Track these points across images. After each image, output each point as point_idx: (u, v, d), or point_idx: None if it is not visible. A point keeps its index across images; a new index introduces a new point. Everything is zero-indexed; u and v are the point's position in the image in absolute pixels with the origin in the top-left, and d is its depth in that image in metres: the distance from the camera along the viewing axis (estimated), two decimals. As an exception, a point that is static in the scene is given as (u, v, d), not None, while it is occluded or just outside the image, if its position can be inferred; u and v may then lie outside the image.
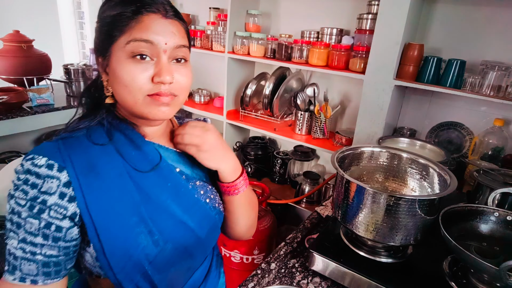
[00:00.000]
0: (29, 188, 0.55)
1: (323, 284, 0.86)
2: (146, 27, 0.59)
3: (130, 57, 0.59)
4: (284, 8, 1.97)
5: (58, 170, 0.56)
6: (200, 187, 0.72)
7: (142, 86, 0.60)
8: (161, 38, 0.60)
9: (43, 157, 0.57)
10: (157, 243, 0.62)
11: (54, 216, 0.56)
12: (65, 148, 0.59)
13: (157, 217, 0.63)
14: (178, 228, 0.66)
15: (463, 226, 0.83)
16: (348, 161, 0.97)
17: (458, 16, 1.47)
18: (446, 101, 1.58)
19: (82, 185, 0.57)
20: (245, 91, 1.99)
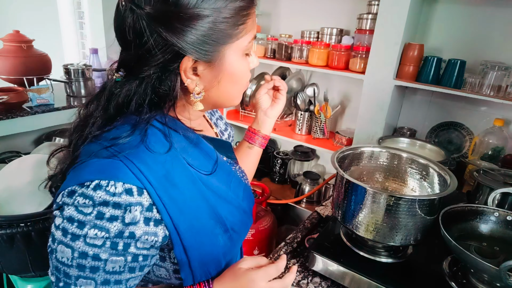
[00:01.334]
0: (107, 222, 0.45)
1: (323, 284, 0.86)
2: (254, 22, 0.56)
3: (244, 55, 0.57)
4: (284, 8, 1.97)
5: (138, 194, 0.47)
6: (239, 170, 0.70)
7: (248, 79, 0.61)
8: (255, 32, 0.59)
9: (116, 182, 0.45)
10: (231, 238, 0.60)
11: (142, 247, 0.48)
12: (134, 165, 0.47)
13: (228, 213, 0.60)
14: (242, 217, 0.65)
15: (463, 226, 0.83)
16: (348, 161, 0.97)
17: (458, 16, 1.47)
18: (446, 101, 1.58)
19: (166, 204, 0.49)
20: (245, 91, 1.99)
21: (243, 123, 2.03)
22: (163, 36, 0.47)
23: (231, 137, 0.83)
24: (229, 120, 2.07)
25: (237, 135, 2.24)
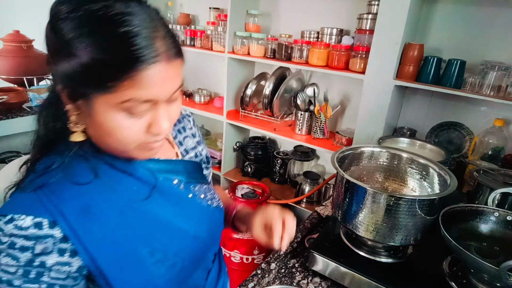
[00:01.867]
0: (18, 252, 0.47)
1: (323, 284, 0.86)
2: (148, 84, 0.47)
3: (123, 112, 0.48)
4: (284, 8, 1.97)
5: (49, 227, 0.48)
6: (200, 191, 0.70)
7: (135, 139, 0.51)
8: (162, 91, 0.49)
9: (27, 216, 0.47)
10: (174, 265, 0.59)
11: (56, 276, 0.49)
12: (48, 198, 0.49)
13: (169, 240, 0.59)
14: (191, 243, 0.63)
15: (463, 226, 0.83)
16: (348, 161, 0.97)
17: (458, 16, 1.47)
18: (446, 101, 1.58)
19: (81, 236, 0.50)
20: (245, 91, 1.99)
21: (243, 124, 2.03)
22: None
23: (200, 156, 0.78)
24: (229, 121, 2.07)
25: (237, 136, 2.24)
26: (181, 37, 2.20)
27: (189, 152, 0.76)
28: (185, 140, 0.76)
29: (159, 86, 0.48)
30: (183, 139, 0.76)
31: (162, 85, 0.48)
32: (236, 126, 2.12)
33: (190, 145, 0.77)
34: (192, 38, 2.15)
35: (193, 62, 2.52)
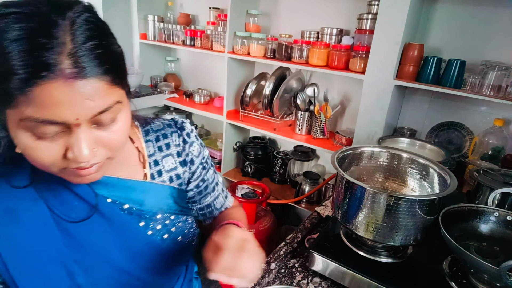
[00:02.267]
0: None
1: (323, 284, 0.86)
2: (44, 103, 0.40)
3: (28, 132, 0.43)
4: (284, 8, 1.97)
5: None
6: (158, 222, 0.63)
7: (53, 163, 0.46)
8: (68, 114, 0.42)
9: None
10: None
11: None
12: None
13: (92, 268, 0.55)
14: (120, 277, 0.58)
15: (463, 226, 0.83)
16: (348, 161, 0.97)
17: (458, 16, 1.47)
18: (446, 101, 1.58)
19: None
20: (245, 91, 1.99)
21: (243, 124, 2.03)
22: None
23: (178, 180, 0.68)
24: (229, 121, 2.07)
25: (237, 136, 2.24)
26: (181, 37, 2.20)
27: (163, 174, 0.66)
28: (163, 160, 0.66)
29: (59, 108, 0.41)
30: (161, 159, 0.66)
31: (64, 106, 0.41)
32: (236, 126, 2.12)
33: (168, 166, 0.67)
34: (192, 38, 2.15)
35: (193, 62, 2.52)
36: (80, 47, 0.41)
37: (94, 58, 0.42)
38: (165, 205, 0.64)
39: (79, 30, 0.42)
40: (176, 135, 0.68)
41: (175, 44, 2.24)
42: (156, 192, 0.63)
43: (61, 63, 0.40)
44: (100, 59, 0.43)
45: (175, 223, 0.67)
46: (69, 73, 0.40)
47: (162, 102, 2.39)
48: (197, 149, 0.70)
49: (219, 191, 0.76)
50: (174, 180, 0.68)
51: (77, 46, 0.41)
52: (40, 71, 0.39)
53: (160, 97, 2.36)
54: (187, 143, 0.69)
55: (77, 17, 0.43)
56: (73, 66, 0.41)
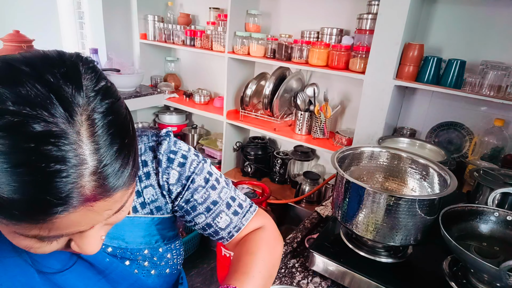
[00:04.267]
0: None
1: (323, 284, 0.86)
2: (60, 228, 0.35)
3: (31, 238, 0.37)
4: (284, 8, 1.97)
5: None
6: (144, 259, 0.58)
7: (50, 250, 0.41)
8: (83, 227, 0.38)
9: None
10: None
11: None
12: None
13: None
14: None
15: (463, 226, 0.83)
16: (348, 161, 0.97)
17: (458, 16, 1.47)
18: (446, 101, 1.58)
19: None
20: (245, 91, 1.99)
21: (243, 124, 2.03)
22: None
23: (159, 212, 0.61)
24: (229, 120, 2.07)
25: (237, 136, 2.24)
26: (181, 37, 2.20)
27: (146, 206, 0.59)
28: (145, 190, 0.58)
29: (78, 226, 0.36)
30: (143, 189, 0.58)
31: (84, 223, 0.37)
32: (236, 126, 2.12)
33: (148, 198, 0.59)
34: (192, 38, 2.15)
35: (193, 62, 2.52)
36: (106, 161, 0.34)
37: (119, 170, 0.36)
38: (152, 238, 0.59)
39: (100, 131, 0.34)
40: (156, 161, 0.58)
41: (175, 44, 2.24)
42: (142, 225, 0.58)
43: (82, 188, 0.33)
44: (125, 167, 0.37)
45: (164, 255, 0.61)
46: (92, 197, 0.34)
47: (162, 102, 2.39)
48: (174, 174, 0.59)
49: (221, 210, 0.64)
50: (155, 213, 0.61)
51: (102, 160, 0.34)
52: (55, 206, 0.32)
53: (160, 97, 2.36)
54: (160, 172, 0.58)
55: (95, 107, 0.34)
56: (96, 187, 0.34)
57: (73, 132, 0.32)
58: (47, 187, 0.31)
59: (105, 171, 0.34)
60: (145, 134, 0.61)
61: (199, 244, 2.29)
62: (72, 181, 0.32)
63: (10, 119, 0.30)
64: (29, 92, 0.31)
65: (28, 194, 0.31)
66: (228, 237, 0.66)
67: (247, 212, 0.67)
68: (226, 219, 0.64)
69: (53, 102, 0.32)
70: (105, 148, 0.34)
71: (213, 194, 0.63)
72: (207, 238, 2.35)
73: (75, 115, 0.33)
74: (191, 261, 2.16)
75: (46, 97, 0.31)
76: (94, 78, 0.36)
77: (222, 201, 0.64)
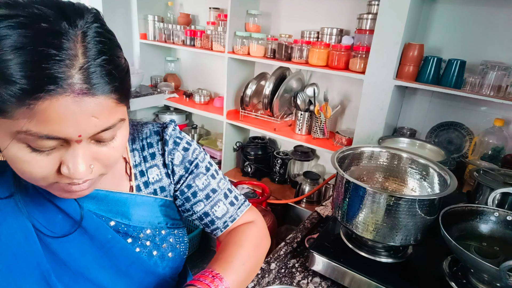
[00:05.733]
0: None
1: (323, 284, 0.86)
2: (48, 118, 0.38)
3: (23, 143, 0.40)
4: (284, 8, 1.97)
5: None
6: (147, 238, 0.60)
7: (44, 177, 0.43)
8: (71, 130, 0.40)
9: None
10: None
11: None
12: None
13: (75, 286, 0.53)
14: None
15: (463, 226, 0.83)
16: (348, 161, 0.97)
17: (458, 16, 1.47)
18: (446, 101, 1.58)
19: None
20: (245, 91, 1.99)
21: (243, 124, 2.03)
22: None
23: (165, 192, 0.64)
24: (229, 121, 2.07)
25: (237, 136, 2.24)
26: (181, 37, 2.20)
27: (149, 185, 0.63)
28: (148, 171, 0.63)
29: (64, 123, 0.39)
30: (148, 169, 0.63)
31: (69, 122, 0.39)
32: (236, 126, 2.12)
33: (152, 177, 0.63)
34: (192, 38, 2.15)
35: (193, 62, 2.52)
36: (92, 62, 0.39)
37: (104, 75, 0.40)
38: (155, 218, 0.61)
39: (91, 43, 0.40)
40: (161, 144, 0.64)
41: (175, 44, 2.24)
42: (145, 205, 0.60)
43: (71, 78, 0.38)
44: (110, 76, 0.41)
45: (166, 238, 0.63)
46: (78, 89, 0.38)
47: (162, 102, 2.39)
48: (178, 156, 0.64)
49: (219, 198, 0.67)
50: (158, 193, 0.64)
51: (89, 60, 0.39)
52: (47, 84, 0.36)
53: (160, 97, 2.36)
54: (166, 152, 0.63)
55: (88, 27, 0.40)
56: (83, 82, 0.38)
57: (71, 35, 0.39)
58: (42, 66, 0.36)
59: (91, 68, 0.39)
60: (150, 123, 0.66)
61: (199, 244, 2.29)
62: (64, 65, 0.37)
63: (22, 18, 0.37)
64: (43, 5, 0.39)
65: (25, 71, 0.36)
66: (223, 227, 0.68)
67: (242, 205, 0.71)
68: (223, 208, 0.67)
69: (60, 16, 0.39)
70: (94, 54, 0.40)
71: (213, 182, 0.67)
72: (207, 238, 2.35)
73: (74, 29, 0.39)
74: (191, 261, 2.16)
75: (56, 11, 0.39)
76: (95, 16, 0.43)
77: (220, 190, 0.68)
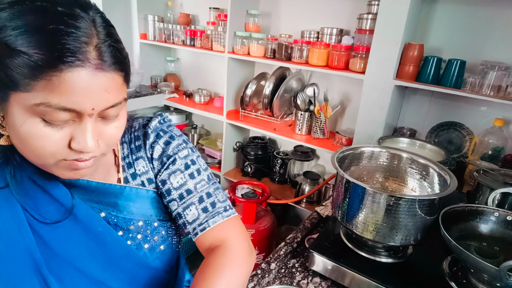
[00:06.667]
0: None
1: (323, 284, 0.86)
2: (67, 90, 0.42)
3: (38, 117, 0.43)
4: (284, 8, 1.97)
5: None
6: (137, 230, 0.60)
7: (54, 153, 0.46)
8: (87, 103, 0.44)
9: None
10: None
11: None
12: None
13: (66, 277, 0.54)
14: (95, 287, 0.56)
15: (463, 226, 0.83)
16: (348, 161, 0.97)
17: (458, 16, 1.47)
18: (446, 101, 1.58)
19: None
20: (245, 91, 1.99)
21: (243, 123, 2.03)
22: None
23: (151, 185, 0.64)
24: (229, 121, 2.07)
25: (237, 136, 2.24)
26: (181, 37, 2.20)
27: (137, 177, 0.63)
28: (136, 162, 0.63)
29: (81, 95, 0.43)
30: (135, 161, 0.63)
31: (86, 95, 0.43)
32: (236, 126, 2.12)
33: (139, 170, 0.63)
34: (192, 38, 2.15)
35: (193, 62, 2.52)
36: (104, 43, 0.44)
37: (114, 55, 0.45)
38: (147, 210, 0.61)
39: (101, 27, 0.45)
40: (149, 135, 0.64)
41: (175, 44, 2.24)
42: (137, 197, 0.60)
43: (88, 53, 0.42)
44: (118, 56, 0.46)
45: (158, 231, 0.63)
46: (94, 64, 0.43)
47: (162, 102, 2.39)
48: (158, 150, 0.63)
49: (192, 201, 0.62)
50: (146, 185, 0.63)
51: (101, 41, 0.44)
52: (68, 57, 0.40)
53: (160, 97, 2.36)
54: (147, 144, 0.63)
55: (95, 15, 0.45)
56: (98, 58, 0.43)
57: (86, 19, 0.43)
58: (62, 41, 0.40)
59: (103, 48, 0.44)
60: (141, 117, 0.67)
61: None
62: (82, 42, 0.42)
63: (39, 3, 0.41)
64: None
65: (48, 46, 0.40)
66: (193, 234, 0.62)
67: (218, 214, 0.62)
68: (194, 213, 0.61)
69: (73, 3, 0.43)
70: (104, 36, 0.45)
71: (190, 183, 0.62)
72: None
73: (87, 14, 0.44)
74: (191, 261, 2.15)
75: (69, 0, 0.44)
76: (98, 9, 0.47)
77: (196, 192, 0.62)
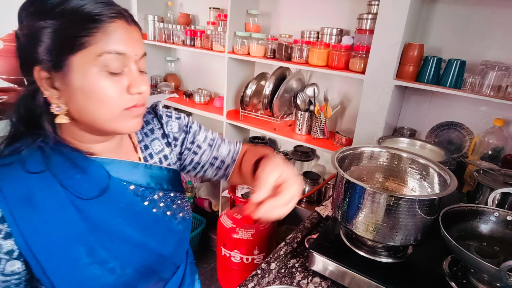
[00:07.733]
0: None
1: (323, 284, 0.86)
2: (118, 36, 0.54)
3: (103, 71, 0.53)
4: (284, 8, 1.97)
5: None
6: (160, 200, 0.70)
7: (120, 100, 0.55)
8: (131, 49, 0.56)
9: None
10: (113, 270, 0.60)
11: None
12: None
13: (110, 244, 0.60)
14: (136, 251, 0.64)
15: (463, 226, 0.83)
16: (348, 161, 0.97)
17: (458, 16, 1.47)
18: (446, 101, 1.58)
19: (18, 220, 0.53)
20: (245, 91, 1.99)
21: (243, 123, 2.03)
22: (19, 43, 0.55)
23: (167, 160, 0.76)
24: (229, 121, 2.07)
25: (237, 136, 2.24)
26: (181, 37, 2.20)
27: (154, 156, 0.74)
28: (151, 143, 0.75)
29: (126, 42, 0.55)
30: (150, 143, 0.74)
31: (129, 42, 0.55)
32: (236, 126, 2.12)
33: (156, 148, 0.75)
34: (192, 38, 2.15)
35: (193, 62, 2.52)
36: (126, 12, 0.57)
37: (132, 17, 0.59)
38: (164, 183, 0.72)
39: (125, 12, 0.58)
40: (156, 120, 0.77)
41: (175, 44, 2.24)
42: (155, 172, 0.70)
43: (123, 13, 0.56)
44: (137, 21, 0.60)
45: (175, 200, 0.74)
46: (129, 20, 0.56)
47: (162, 102, 2.39)
48: (175, 125, 0.78)
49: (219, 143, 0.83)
50: (163, 161, 0.75)
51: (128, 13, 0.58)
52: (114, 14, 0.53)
53: (160, 97, 2.36)
54: (163, 124, 0.77)
55: None
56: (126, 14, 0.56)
57: None
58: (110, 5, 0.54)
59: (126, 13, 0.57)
60: None
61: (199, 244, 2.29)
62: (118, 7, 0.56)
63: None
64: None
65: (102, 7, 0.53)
66: (231, 161, 0.81)
67: (238, 142, 0.87)
68: (226, 148, 0.83)
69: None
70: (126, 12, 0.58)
71: (209, 134, 0.84)
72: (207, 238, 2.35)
73: None
74: (191, 261, 2.16)
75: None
76: None
77: (217, 137, 0.85)
